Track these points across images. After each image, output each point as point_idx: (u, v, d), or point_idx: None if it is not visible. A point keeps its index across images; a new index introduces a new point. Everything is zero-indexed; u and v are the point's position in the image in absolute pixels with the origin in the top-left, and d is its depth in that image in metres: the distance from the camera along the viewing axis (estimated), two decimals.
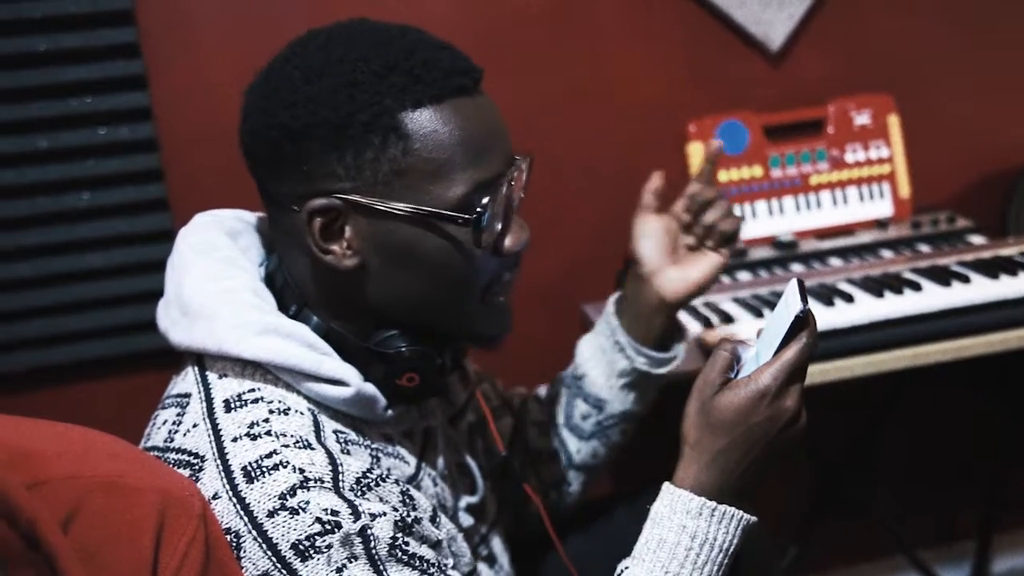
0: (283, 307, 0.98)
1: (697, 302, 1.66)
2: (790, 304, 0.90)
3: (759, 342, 0.94)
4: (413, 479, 1.01)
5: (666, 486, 0.95)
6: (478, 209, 0.91)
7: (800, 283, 0.90)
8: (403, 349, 0.96)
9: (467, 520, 1.11)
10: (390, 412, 0.99)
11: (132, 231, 1.73)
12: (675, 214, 1.23)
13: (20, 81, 1.65)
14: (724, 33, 1.92)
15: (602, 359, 1.25)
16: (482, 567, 1.14)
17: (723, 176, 1.89)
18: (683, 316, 1.60)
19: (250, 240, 1.04)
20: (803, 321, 0.90)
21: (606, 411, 1.26)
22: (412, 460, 1.02)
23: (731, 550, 0.93)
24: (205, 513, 0.84)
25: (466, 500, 1.12)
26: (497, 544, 1.19)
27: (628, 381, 1.24)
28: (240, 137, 0.96)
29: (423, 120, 0.89)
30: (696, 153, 1.88)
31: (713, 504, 0.92)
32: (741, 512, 0.93)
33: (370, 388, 0.96)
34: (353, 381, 0.94)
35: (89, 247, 1.73)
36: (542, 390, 1.36)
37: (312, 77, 0.90)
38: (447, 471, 1.09)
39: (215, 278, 0.96)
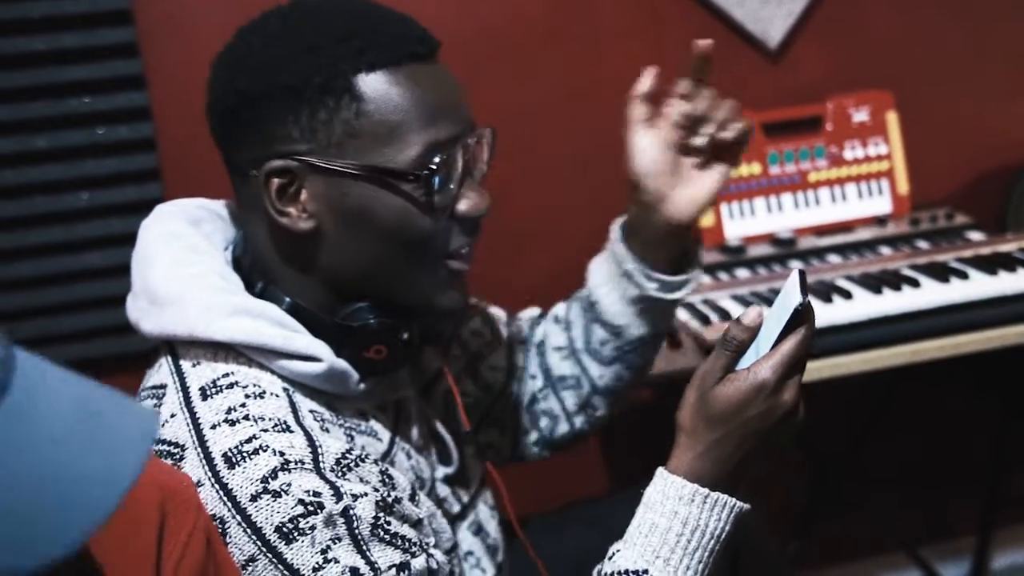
0: (249, 288, 0.98)
1: (696, 299, 1.66)
2: (790, 296, 0.90)
3: (759, 333, 0.94)
4: (387, 455, 1.01)
5: (660, 471, 0.95)
6: (430, 166, 0.92)
7: (802, 274, 0.89)
8: (370, 321, 0.97)
9: (444, 490, 1.11)
10: (362, 386, 0.99)
11: (131, 231, 1.69)
12: (671, 124, 1.12)
13: (19, 81, 1.65)
14: (723, 30, 1.92)
15: (613, 286, 1.18)
16: (467, 536, 1.14)
17: None
18: (680, 313, 1.61)
19: (213, 226, 1.05)
20: (802, 314, 0.90)
21: (624, 337, 1.20)
22: (386, 436, 1.02)
23: (723, 537, 0.93)
24: (200, 503, 0.85)
25: (442, 471, 1.12)
26: (483, 511, 1.19)
27: (643, 307, 1.18)
28: (206, 109, 0.98)
29: (377, 83, 0.91)
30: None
31: (706, 491, 0.92)
32: (734, 500, 0.93)
33: (342, 363, 0.96)
34: (325, 356, 0.94)
35: (88, 247, 1.73)
36: (560, 309, 1.30)
37: (271, 43, 0.93)
38: (422, 442, 1.09)
39: (180, 264, 0.96)
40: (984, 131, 2.09)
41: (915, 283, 1.62)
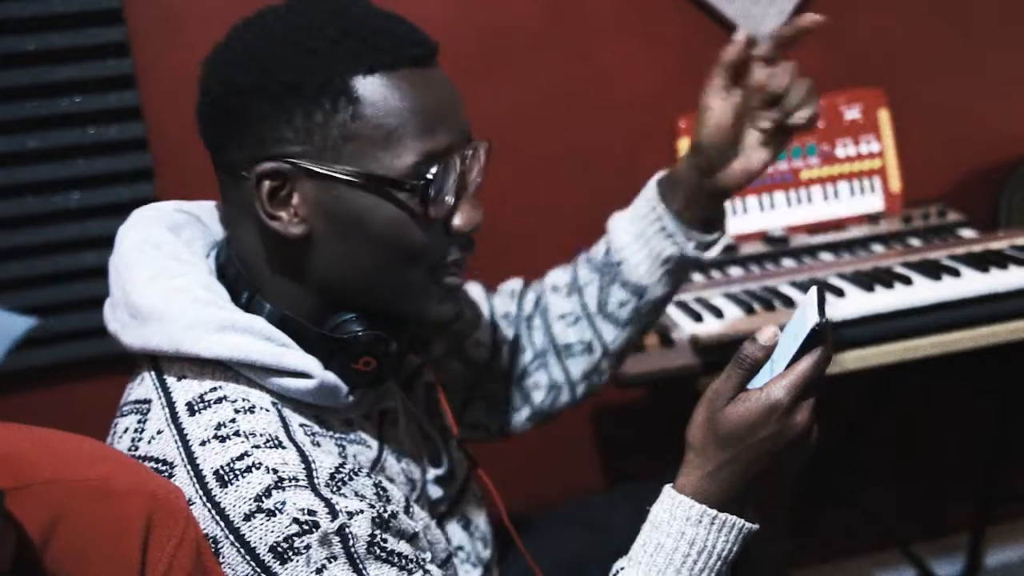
0: (235, 298, 0.96)
1: (687, 297, 1.66)
2: (807, 314, 0.87)
3: (775, 350, 0.91)
4: (377, 462, 1.00)
5: (667, 490, 0.93)
6: (428, 176, 0.90)
7: (820, 292, 0.87)
8: (359, 333, 0.95)
9: (436, 492, 1.10)
10: (351, 398, 0.97)
11: None
12: (745, 94, 1.13)
13: (9, 81, 1.65)
14: (714, 28, 1.92)
15: (644, 246, 1.19)
16: (456, 530, 1.14)
17: None
18: (672, 311, 1.61)
19: (193, 232, 1.02)
20: (820, 334, 0.87)
21: (646, 297, 1.21)
22: (374, 443, 1.01)
23: (730, 558, 0.92)
24: (191, 515, 0.84)
25: (433, 472, 1.11)
26: (471, 505, 1.18)
27: (671, 267, 1.20)
28: (197, 107, 0.96)
29: (374, 86, 0.89)
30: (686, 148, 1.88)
31: (714, 512, 0.90)
32: (742, 521, 0.92)
33: (332, 377, 0.94)
34: (315, 372, 0.93)
35: (80, 247, 1.73)
36: (558, 277, 1.29)
37: (268, 41, 0.91)
38: (411, 446, 1.08)
39: (162, 276, 0.94)
40: (976, 128, 2.09)
41: (907, 281, 1.62)
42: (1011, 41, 2.08)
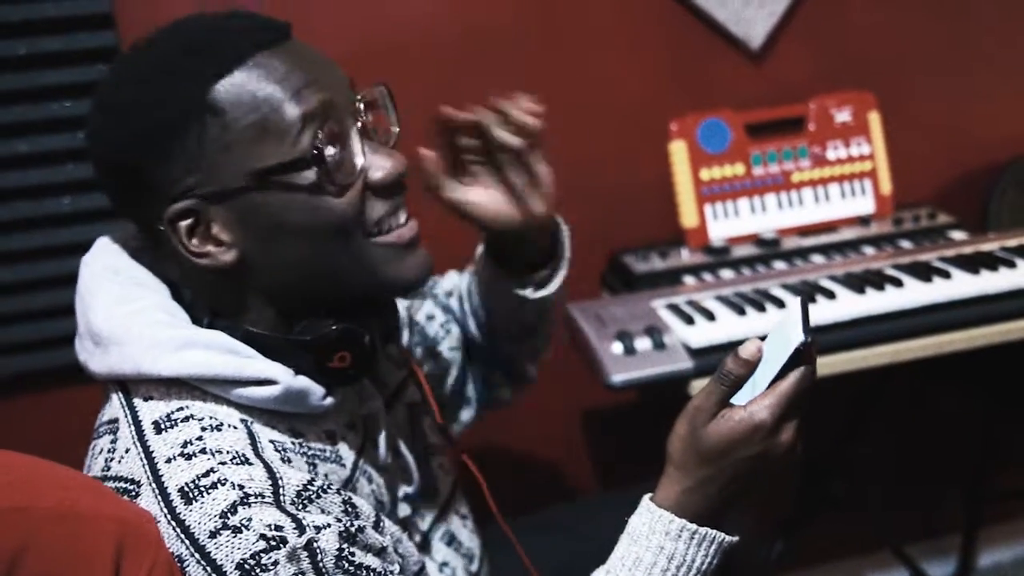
0: (195, 321, 0.96)
1: (680, 300, 1.66)
2: (791, 330, 0.85)
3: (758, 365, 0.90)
4: (349, 481, 0.99)
5: (646, 502, 0.93)
6: (317, 145, 0.88)
7: (804, 305, 0.85)
8: (327, 329, 0.94)
9: (405, 510, 1.09)
10: (329, 400, 0.96)
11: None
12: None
13: None
14: (705, 32, 1.93)
15: (495, 299, 1.25)
16: (440, 547, 1.14)
17: (705, 175, 1.89)
18: (665, 315, 1.61)
19: (154, 256, 1.01)
20: (804, 352, 0.86)
21: (524, 323, 1.26)
22: (350, 459, 0.99)
23: (709, 571, 0.92)
24: (161, 539, 0.82)
25: (403, 490, 1.10)
26: (455, 521, 1.18)
27: (528, 307, 1.23)
28: (95, 172, 0.95)
29: (229, 88, 0.87)
30: (678, 151, 1.88)
31: (693, 527, 0.90)
32: (722, 535, 0.91)
33: (300, 382, 0.93)
34: (281, 378, 0.91)
35: (71, 252, 1.72)
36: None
37: (127, 90, 0.89)
38: (388, 460, 1.07)
39: (122, 301, 0.93)
40: (966, 131, 2.10)
41: (898, 283, 1.62)
42: (1000, 43, 2.09)
